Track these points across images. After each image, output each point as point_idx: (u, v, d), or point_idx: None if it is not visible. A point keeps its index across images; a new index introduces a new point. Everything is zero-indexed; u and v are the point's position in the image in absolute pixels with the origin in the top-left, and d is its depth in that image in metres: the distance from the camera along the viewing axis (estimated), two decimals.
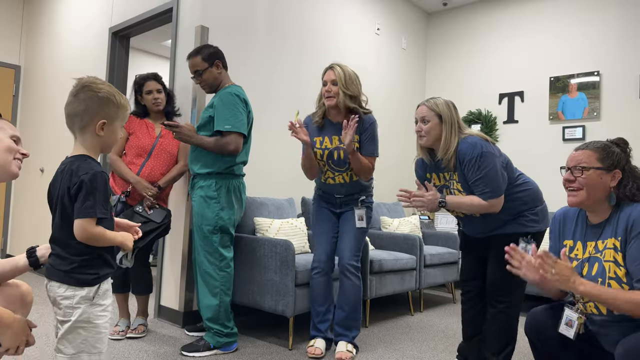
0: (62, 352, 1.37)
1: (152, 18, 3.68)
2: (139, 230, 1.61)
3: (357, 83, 2.66)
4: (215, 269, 2.63)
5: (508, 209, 2.19)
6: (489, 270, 2.26)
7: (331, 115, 2.72)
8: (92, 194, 1.35)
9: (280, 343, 2.86)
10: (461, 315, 2.44)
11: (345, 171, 2.70)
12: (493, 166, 2.10)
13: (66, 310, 1.36)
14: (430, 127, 2.21)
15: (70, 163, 1.41)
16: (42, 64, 5.16)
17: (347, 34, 4.54)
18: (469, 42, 5.37)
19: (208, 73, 2.73)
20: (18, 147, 1.49)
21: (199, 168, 2.69)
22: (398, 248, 3.83)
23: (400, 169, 5.09)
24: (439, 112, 2.21)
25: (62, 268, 1.38)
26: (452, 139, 2.18)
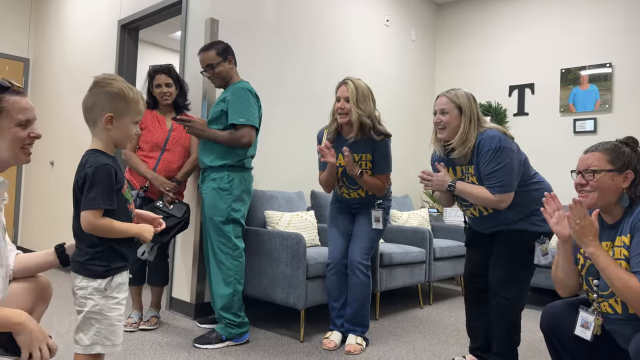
0: (78, 343, 1.40)
1: (161, 10, 3.67)
2: (162, 223, 1.62)
3: (370, 99, 2.64)
4: (228, 258, 2.67)
5: (520, 206, 2.16)
6: (493, 265, 2.24)
7: (344, 131, 2.70)
8: (95, 185, 1.38)
9: (291, 335, 2.88)
10: (466, 316, 2.42)
11: (360, 188, 2.71)
12: (509, 162, 2.08)
13: (81, 301, 1.40)
14: (449, 119, 2.18)
15: (83, 157, 1.45)
16: (51, 56, 5.17)
17: (356, 25, 4.51)
18: (478, 34, 5.32)
19: (221, 67, 2.75)
20: (25, 134, 1.35)
21: (210, 161, 2.72)
22: (407, 241, 3.83)
23: (409, 161, 5.07)
24: (459, 103, 2.18)
25: (78, 259, 1.42)
26: (470, 132, 2.15)
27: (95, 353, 1.40)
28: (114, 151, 1.49)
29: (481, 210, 2.23)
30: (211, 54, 2.74)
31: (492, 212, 2.20)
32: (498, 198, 2.09)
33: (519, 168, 2.14)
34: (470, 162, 2.18)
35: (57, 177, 4.82)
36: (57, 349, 1.28)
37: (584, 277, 1.71)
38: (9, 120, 1.30)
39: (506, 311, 2.17)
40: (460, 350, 2.72)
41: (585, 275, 1.70)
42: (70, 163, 4.55)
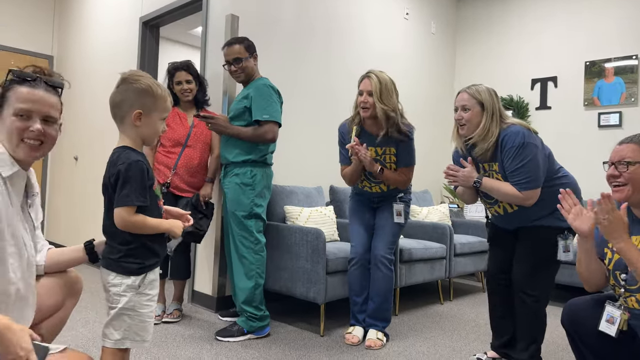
0: (107, 337, 1.42)
1: (182, 7, 3.70)
2: (189, 219, 1.63)
3: (394, 93, 2.60)
4: (250, 252, 2.70)
5: (546, 202, 2.13)
6: (518, 261, 2.22)
7: (367, 124, 2.68)
8: (128, 182, 1.38)
9: (311, 329, 2.90)
10: (489, 312, 2.41)
11: (382, 182, 2.70)
12: (533, 157, 2.05)
13: (114, 297, 1.41)
14: (471, 116, 2.16)
15: (112, 154, 1.45)
16: (74, 53, 5.27)
17: (376, 19, 4.48)
18: (500, 26, 5.23)
19: (248, 62, 2.78)
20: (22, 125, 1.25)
21: (234, 156, 2.74)
22: (427, 237, 3.81)
23: (428, 156, 5.03)
24: (481, 99, 2.15)
25: (111, 256, 1.43)
26: (493, 128, 2.12)
27: (124, 348, 1.43)
28: (142, 147, 1.51)
29: (506, 207, 2.21)
30: (240, 47, 2.76)
31: (517, 209, 2.17)
32: (525, 195, 2.07)
33: (544, 163, 2.10)
34: (494, 159, 2.16)
35: (81, 172, 4.91)
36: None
37: (611, 271, 1.68)
38: (9, 110, 1.25)
39: (531, 307, 2.15)
40: (481, 346, 2.71)
41: (613, 269, 1.68)
42: (94, 158, 4.64)
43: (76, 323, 2.76)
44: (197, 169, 3.00)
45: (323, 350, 2.53)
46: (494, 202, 2.24)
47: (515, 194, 2.07)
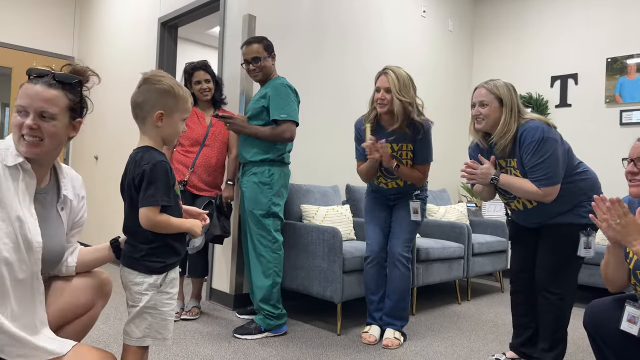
0: (129, 335, 1.44)
1: (200, 7, 3.74)
2: (207, 218, 1.65)
3: (412, 88, 2.59)
4: (268, 250, 2.71)
5: (566, 198, 2.10)
6: (540, 260, 2.19)
7: (383, 120, 2.67)
8: (153, 183, 1.39)
9: (328, 328, 2.90)
10: (512, 310, 2.38)
11: (398, 177, 2.69)
12: (553, 152, 2.02)
13: (135, 296, 1.42)
14: (489, 111, 2.13)
15: (135, 154, 1.46)
16: (94, 54, 5.36)
17: (392, 17, 4.46)
18: (519, 22, 5.16)
19: (266, 62, 2.79)
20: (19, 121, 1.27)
21: (252, 156, 2.76)
22: (445, 236, 3.78)
23: (446, 155, 4.99)
24: (499, 95, 2.13)
25: (133, 255, 1.44)
26: (511, 124, 2.10)
27: (145, 345, 1.45)
28: (162, 147, 1.52)
29: (525, 203, 2.18)
30: (259, 47, 2.77)
31: (537, 205, 2.14)
32: (544, 191, 2.04)
33: (563, 159, 2.07)
34: (512, 154, 2.13)
35: (101, 172, 5.00)
36: None
37: (632, 271, 1.65)
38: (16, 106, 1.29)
39: (554, 307, 2.13)
40: (499, 347, 2.68)
41: (633, 268, 1.65)
42: (114, 158, 4.71)
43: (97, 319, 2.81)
44: (214, 168, 3.02)
45: (340, 349, 2.54)
46: (512, 198, 2.22)
47: (535, 191, 2.05)
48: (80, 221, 1.54)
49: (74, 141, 5.55)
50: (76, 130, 1.41)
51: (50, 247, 1.35)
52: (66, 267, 1.50)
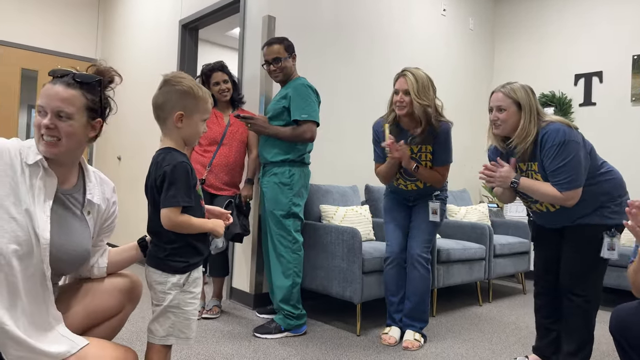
0: (153, 334, 1.46)
1: (220, 9, 3.77)
2: (230, 217, 1.66)
3: (431, 89, 2.55)
4: (288, 251, 2.73)
5: (589, 200, 2.05)
6: (565, 262, 2.14)
7: (403, 122, 2.65)
8: (174, 184, 1.40)
9: (348, 328, 2.90)
10: (535, 312, 2.34)
11: (418, 180, 2.67)
12: (575, 156, 1.97)
13: (159, 295, 1.44)
14: (507, 116, 2.10)
15: (157, 156, 1.47)
16: (117, 57, 5.45)
17: (412, 16, 4.43)
18: (540, 20, 5.07)
19: (287, 62, 2.81)
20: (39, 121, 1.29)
21: (272, 156, 2.77)
22: (466, 237, 3.74)
23: (467, 154, 4.94)
24: (516, 99, 2.09)
25: (157, 255, 1.46)
26: (531, 127, 2.06)
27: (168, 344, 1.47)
28: (184, 148, 1.53)
29: (547, 206, 2.14)
30: (279, 47, 2.79)
31: (560, 207, 2.10)
32: (565, 195, 1.99)
33: (586, 162, 2.02)
34: (533, 158, 2.09)
35: (124, 172, 5.08)
36: None
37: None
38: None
39: (580, 309, 2.08)
40: (521, 350, 2.64)
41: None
42: (135, 158, 4.79)
43: None
44: (232, 167, 3.04)
45: (359, 350, 2.53)
46: (534, 201, 2.18)
47: (556, 195, 2.01)
48: (111, 226, 1.56)
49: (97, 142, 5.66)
50: (96, 130, 1.39)
51: (69, 247, 1.35)
52: (97, 268, 1.53)
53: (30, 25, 5.44)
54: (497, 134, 2.16)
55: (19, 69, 5.36)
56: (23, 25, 5.40)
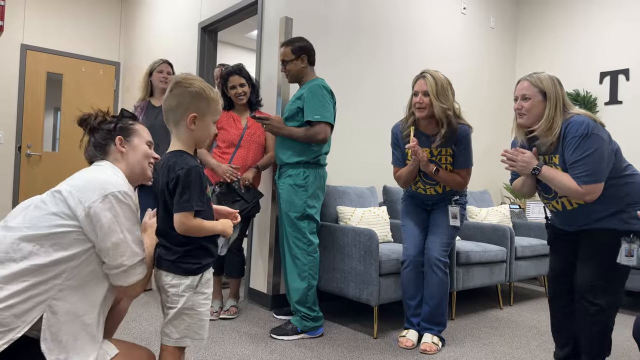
0: (168, 336, 1.46)
1: (238, 11, 3.80)
2: (238, 216, 1.66)
3: (450, 91, 2.54)
4: (303, 253, 2.72)
5: (609, 201, 1.98)
6: (581, 268, 2.06)
7: (422, 125, 2.63)
8: (188, 188, 1.40)
9: (364, 331, 2.88)
10: (550, 319, 2.27)
11: (438, 184, 2.64)
12: (597, 149, 1.90)
13: (172, 298, 1.44)
14: (531, 105, 2.03)
15: (167, 159, 1.47)
16: (138, 59, 5.54)
17: (431, 16, 4.38)
18: (565, 16, 4.96)
19: (292, 65, 2.80)
20: (151, 152, 1.55)
21: (287, 157, 2.78)
22: (487, 239, 3.68)
23: (488, 155, 4.86)
24: (542, 88, 2.02)
25: (168, 258, 1.45)
26: (556, 119, 1.99)
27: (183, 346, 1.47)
28: (193, 150, 1.53)
29: (564, 203, 2.07)
30: (286, 50, 2.80)
31: (577, 207, 2.04)
32: (584, 189, 1.92)
33: (609, 158, 1.95)
34: (555, 150, 2.03)
35: None
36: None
37: None
38: (140, 140, 1.53)
39: (594, 319, 2.00)
40: (544, 355, 2.58)
41: None
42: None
43: (140, 316, 2.90)
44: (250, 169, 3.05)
45: (376, 353, 2.51)
46: (552, 197, 2.11)
47: (575, 188, 1.93)
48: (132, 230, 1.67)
49: None
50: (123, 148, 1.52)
51: None
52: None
53: (54, 29, 5.58)
54: (521, 123, 2.09)
55: (45, 72, 5.49)
56: (47, 29, 5.54)
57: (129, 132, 1.52)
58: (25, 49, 5.37)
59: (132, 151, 1.49)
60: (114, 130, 1.50)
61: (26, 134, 5.38)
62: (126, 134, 1.51)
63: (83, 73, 5.75)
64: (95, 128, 1.50)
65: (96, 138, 1.49)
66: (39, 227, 1.24)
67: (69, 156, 5.66)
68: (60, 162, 5.61)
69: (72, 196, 1.28)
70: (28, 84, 5.39)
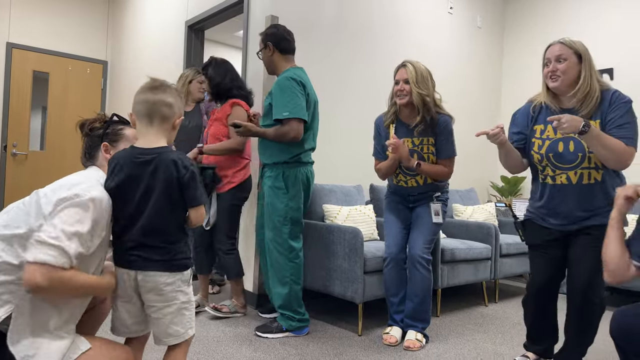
0: (174, 336, 1.47)
1: (224, 10, 3.79)
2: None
3: (430, 81, 2.58)
4: (284, 259, 2.66)
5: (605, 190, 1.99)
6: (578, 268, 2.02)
7: (403, 115, 2.65)
8: (197, 182, 1.48)
9: (349, 328, 2.89)
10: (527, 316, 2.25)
11: (418, 175, 2.65)
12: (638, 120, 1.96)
13: (169, 295, 1.44)
14: (567, 67, 1.98)
15: (165, 154, 1.44)
16: (126, 58, 5.51)
17: (419, 14, 4.39)
18: (551, 15, 5.00)
19: (263, 54, 2.76)
20: None
21: (266, 158, 2.73)
22: (472, 237, 3.70)
23: (474, 153, 4.89)
24: (577, 49, 1.99)
25: (162, 257, 1.43)
26: (593, 81, 1.97)
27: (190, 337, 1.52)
28: None
29: (571, 177, 2.00)
30: (260, 40, 2.78)
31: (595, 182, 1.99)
32: (630, 150, 1.91)
33: None
34: (593, 116, 1.99)
35: None
36: None
37: None
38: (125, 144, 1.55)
39: (596, 315, 2.01)
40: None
41: None
42: None
43: None
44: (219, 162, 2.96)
45: (360, 350, 2.52)
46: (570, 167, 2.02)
47: (623, 147, 1.90)
48: None
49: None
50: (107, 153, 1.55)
51: None
52: None
53: (40, 28, 5.53)
54: (555, 87, 2.02)
55: (31, 71, 5.45)
56: (34, 28, 5.49)
57: (117, 137, 1.57)
58: (11, 47, 5.32)
59: None
60: (102, 136, 1.55)
61: (12, 133, 5.34)
62: (114, 139, 1.56)
63: (70, 72, 5.71)
64: (87, 134, 1.56)
65: (86, 144, 1.55)
66: (11, 227, 1.26)
67: (55, 155, 5.61)
68: (47, 161, 5.56)
69: (46, 197, 1.30)
70: (14, 82, 5.34)
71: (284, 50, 2.72)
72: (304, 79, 2.64)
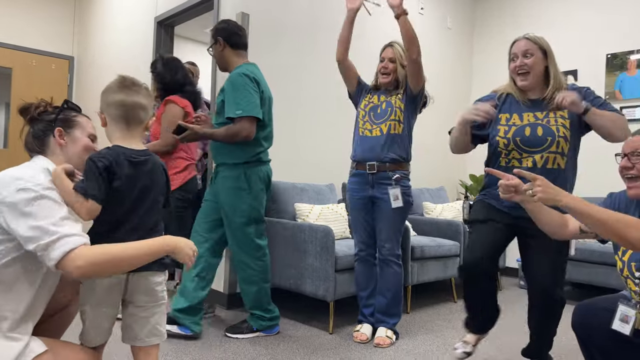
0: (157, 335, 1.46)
1: (195, 6, 3.74)
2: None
3: None
4: (251, 259, 2.61)
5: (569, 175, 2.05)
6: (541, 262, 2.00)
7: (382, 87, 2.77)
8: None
9: (320, 327, 2.90)
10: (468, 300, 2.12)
11: (384, 122, 2.61)
12: None
13: (159, 295, 1.45)
14: (534, 62, 2.00)
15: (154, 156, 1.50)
16: (93, 54, 5.37)
17: (390, 15, 4.42)
18: (519, 18, 5.12)
19: (213, 50, 2.62)
20: (93, 145, 1.50)
21: (223, 158, 2.58)
22: (442, 234, 3.76)
23: (444, 152, 4.96)
24: (542, 45, 2.02)
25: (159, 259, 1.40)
26: (560, 78, 2.02)
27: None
28: None
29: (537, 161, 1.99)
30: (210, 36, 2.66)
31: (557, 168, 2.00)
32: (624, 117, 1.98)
33: None
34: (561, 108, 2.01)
35: None
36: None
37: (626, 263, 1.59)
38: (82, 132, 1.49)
39: (558, 311, 2.04)
40: (494, 347, 2.66)
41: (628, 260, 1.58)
42: None
43: None
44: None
45: (331, 348, 2.53)
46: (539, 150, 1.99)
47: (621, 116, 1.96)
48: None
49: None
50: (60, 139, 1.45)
51: None
52: None
53: (2, 21, 5.33)
54: (525, 85, 2.03)
55: None
56: None
57: (71, 124, 1.47)
58: None
59: (72, 144, 1.46)
60: (54, 122, 1.44)
61: None
62: (67, 125, 1.46)
63: (34, 67, 5.53)
64: (35, 118, 1.46)
65: (35, 129, 1.44)
66: None
67: (19, 153, 5.43)
68: (11, 159, 5.37)
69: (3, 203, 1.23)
70: None
71: (235, 45, 2.59)
72: (258, 75, 2.52)
